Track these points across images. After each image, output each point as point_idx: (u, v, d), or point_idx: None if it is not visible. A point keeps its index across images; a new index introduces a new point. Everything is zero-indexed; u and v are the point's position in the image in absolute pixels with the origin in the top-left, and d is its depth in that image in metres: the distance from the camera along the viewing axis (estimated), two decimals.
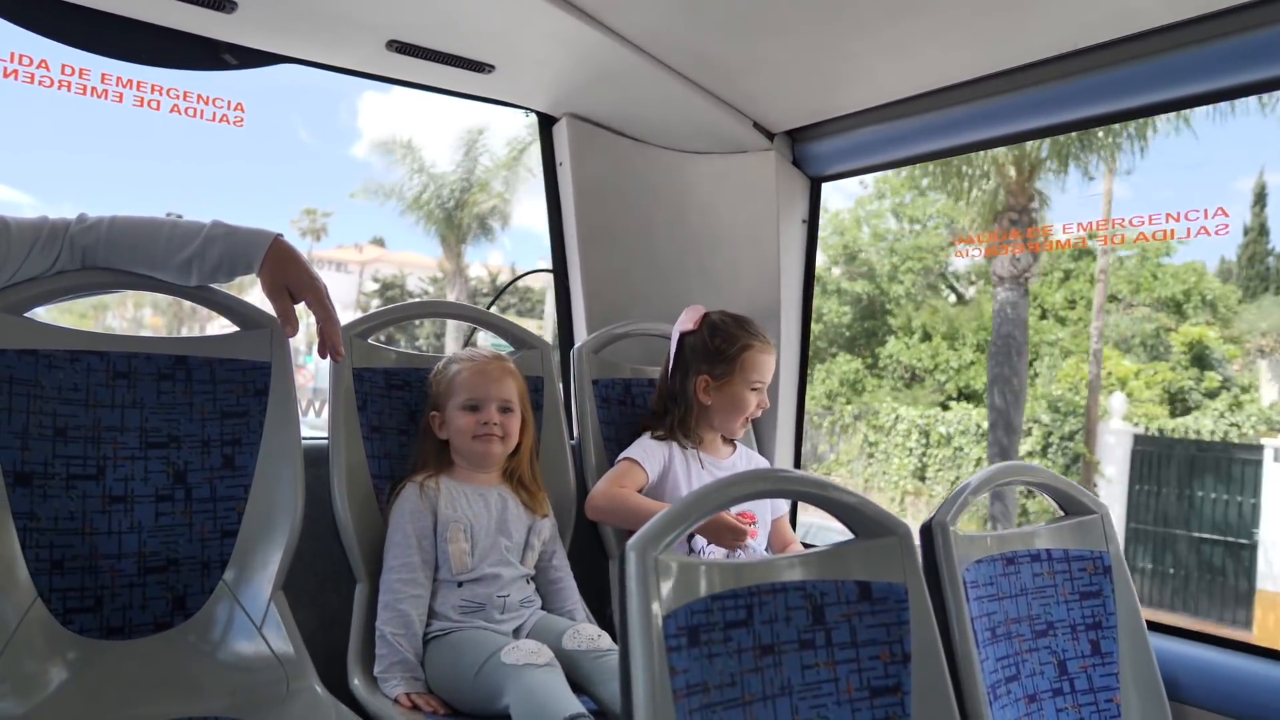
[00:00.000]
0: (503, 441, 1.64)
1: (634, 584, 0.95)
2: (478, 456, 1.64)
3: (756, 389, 1.83)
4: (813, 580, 1.11)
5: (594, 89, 2.01)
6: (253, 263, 1.41)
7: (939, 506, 1.30)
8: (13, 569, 1.33)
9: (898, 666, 1.12)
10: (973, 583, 1.31)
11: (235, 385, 1.54)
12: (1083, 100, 1.51)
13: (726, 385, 1.82)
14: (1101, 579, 1.47)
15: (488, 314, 2.00)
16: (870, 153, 1.91)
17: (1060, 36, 1.44)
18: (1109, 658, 1.44)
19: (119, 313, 18.43)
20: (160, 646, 1.42)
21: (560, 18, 1.66)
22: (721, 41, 1.69)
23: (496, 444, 1.63)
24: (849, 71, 1.70)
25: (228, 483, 1.50)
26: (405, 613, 1.53)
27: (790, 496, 1.60)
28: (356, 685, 1.50)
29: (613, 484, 1.75)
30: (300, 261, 1.44)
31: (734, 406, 1.82)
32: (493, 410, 1.62)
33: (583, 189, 2.19)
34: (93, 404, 1.43)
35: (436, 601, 1.57)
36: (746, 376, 1.81)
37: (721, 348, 1.82)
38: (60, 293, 1.42)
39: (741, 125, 1.96)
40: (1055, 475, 1.49)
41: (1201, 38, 1.34)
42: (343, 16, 1.73)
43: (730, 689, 1.02)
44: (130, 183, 22.55)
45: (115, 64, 1.77)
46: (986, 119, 1.65)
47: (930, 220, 14.00)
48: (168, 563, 1.45)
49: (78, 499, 1.39)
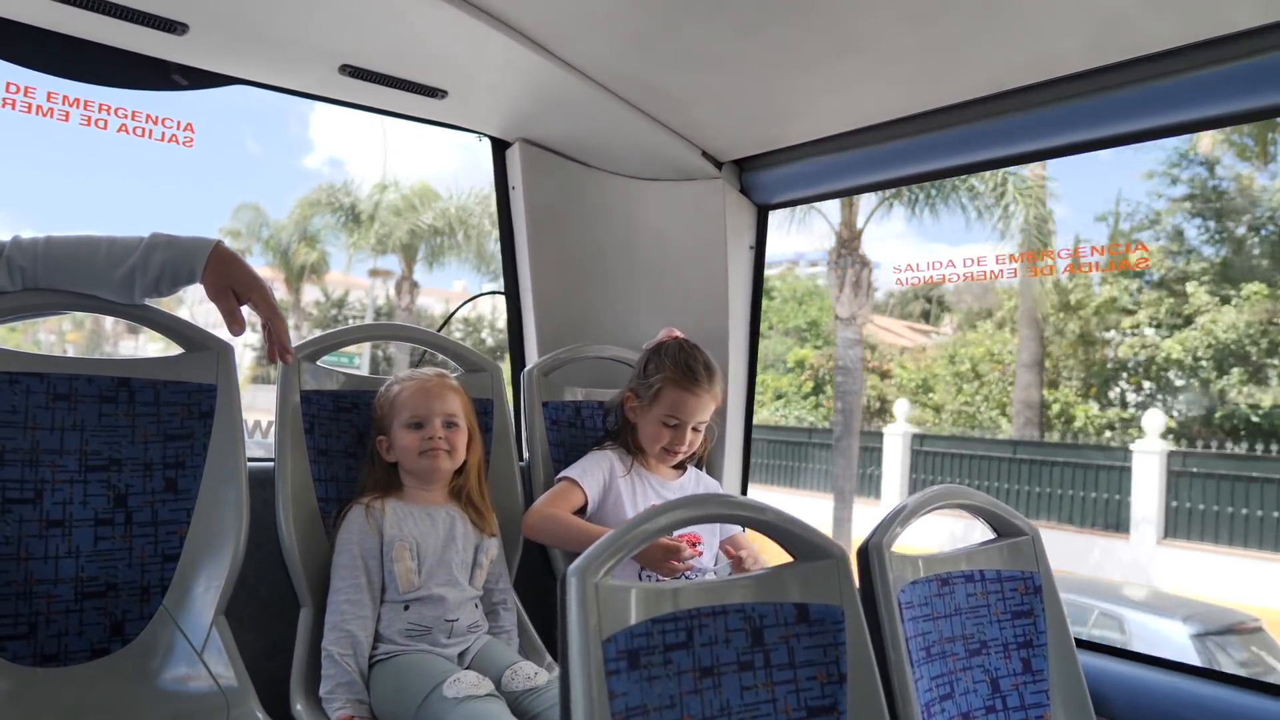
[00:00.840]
0: (450, 456, 1.65)
1: (574, 609, 0.97)
2: (425, 472, 1.64)
3: (670, 424, 1.79)
4: (752, 603, 1.14)
5: (546, 116, 2.04)
6: (195, 269, 1.40)
7: (874, 528, 1.34)
8: None
9: (834, 686, 1.15)
10: (908, 603, 1.34)
11: (180, 408, 1.53)
12: (1009, 138, 1.58)
13: (645, 410, 1.83)
14: (1033, 599, 1.52)
15: (437, 336, 2.00)
16: (814, 182, 1.97)
17: (989, 78, 1.51)
18: (1040, 675, 1.48)
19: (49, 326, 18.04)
20: (97, 674, 1.39)
21: (512, 47, 1.68)
22: (670, 74, 1.74)
23: (443, 458, 1.64)
24: (793, 105, 1.75)
25: (170, 506, 1.49)
26: (353, 633, 1.52)
27: (728, 521, 1.63)
28: (299, 711, 1.48)
29: (549, 503, 1.76)
30: (243, 263, 1.44)
31: (648, 435, 1.82)
32: (437, 425, 1.63)
33: (535, 213, 2.22)
34: (31, 426, 1.41)
35: (382, 624, 1.56)
36: (661, 408, 1.80)
37: (650, 372, 1.84)
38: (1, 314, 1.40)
39: (691, 153, 2.00)
40: (989, 499, 1.54)
41: (1119, 83, 1.41)
42: (295, 40, 1.73)
43: (670, 711, 1.04)
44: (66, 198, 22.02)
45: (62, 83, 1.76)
46: (922, 153, 1.71)
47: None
48: (106, 588, 1.43)
49: (14, 523, 1.37)
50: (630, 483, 1.83)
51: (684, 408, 1.80)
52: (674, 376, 1.80)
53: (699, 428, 1.84)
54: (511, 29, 1.65)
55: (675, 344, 1.86)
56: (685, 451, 1.85)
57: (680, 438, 1.81)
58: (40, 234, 1.41)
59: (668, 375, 1.80)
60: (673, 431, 1.80)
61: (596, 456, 1.85)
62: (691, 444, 1.84)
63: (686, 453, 1.85)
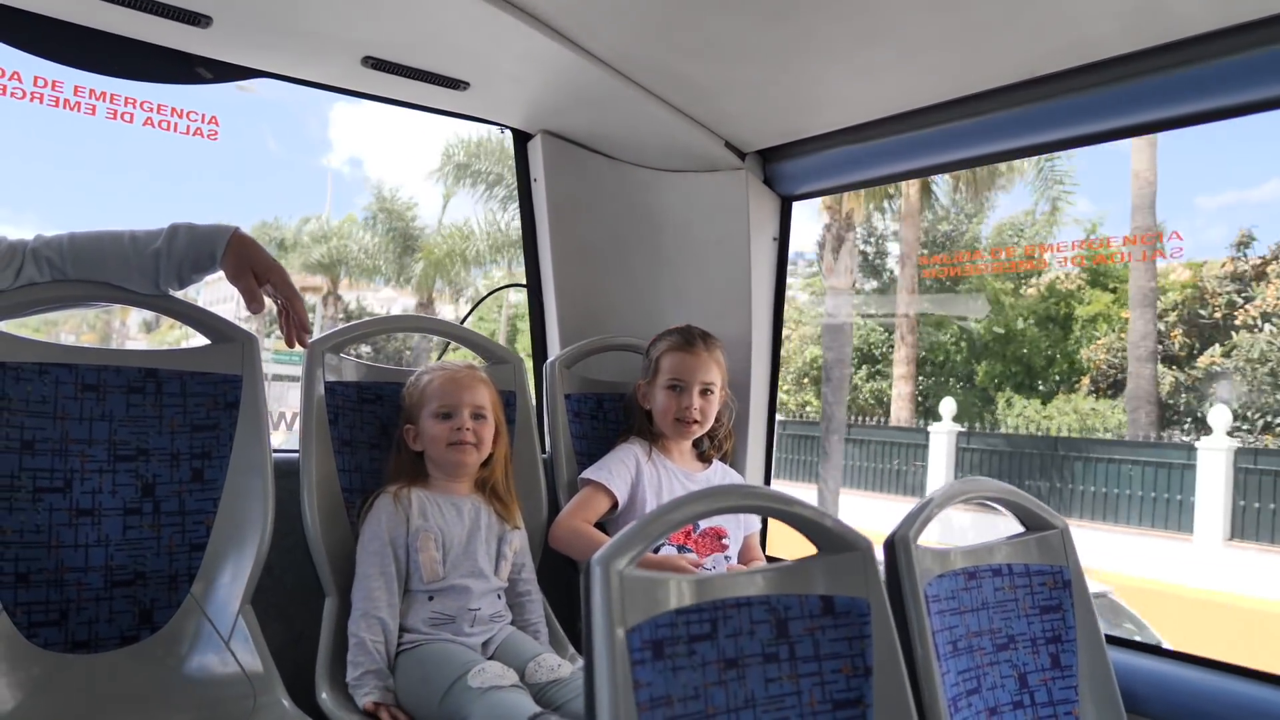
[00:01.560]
0: (477, 449, 1.65)
1: (598, 598, 0.97)
2: (452, 465, 1.65)
3: (674, 387, 1.84)
4: (777, 595, 1.13)
5: (568, 107, 2.04)
6: (216, 253, 1.43)
7: (901, 521, 1.32)
8: None
9: (860, 679, 1.14)
10: (934, 597, 1.33)
11: (206, 399, 1.54)
12: (1041, 125, 1.55)
13: (652, 387, 1.87)
14: (1061, 593, 1.50)
15: (461, 329, 2.01)
16: (839, 173, 1.95)
17: (1019, 65, 1.48)
18: (1068, 671, 1.46)
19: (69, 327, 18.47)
20: (126, 660, 1.41)
21: (535, 38, 1.68)
22: (694, 63, 1.72)
23: (470, 452, 1.64)
24: (818, 94, 1.73)
25: (197, 496, 1.50)
26: (384, 620, 1.53)
27: (754, 512, 1.62)
28: (324, 699, 1.49)
29: (575, 515, 1.77)
30: (261, 248, 1.48)
31: (659, 409, 1.86)
32: (465, 416, 1.63)
33: (557, 205, 2.21)
34: (60, 416, 1.43)
35: (406, 613, 1.57)
36: (663, 376, 1.86)
37: (649, 352, 1.91)
38: (28, 305, 1.42)
39: (714, 144, 1.99)
40: (1017, 491, 1.52)
41: (1155, 68, 1.38)
42: (318, 32, 1.74)
43: (694, 702, 1.03)
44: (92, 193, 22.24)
45: (88, 76, 1.78)
46: (951, 142, 1.69)
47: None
48: (135, 576, 1.44)
49: (44, 512, 1.39)
50: (655, 474, 1.83)
51: (684, 368, 1.84)
52: (670, 344, 1.87)
53: (707, 392, 1.85)
54: (534, 19, 1.64)
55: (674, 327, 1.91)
56: (698, 420, 1.84)
57: (688, 399, 1.83)
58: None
59: (665, 345, 1.88)
60: (679, 395, 1.83)
61: (620, 452, 1.85)
62: (703, 411, 1.85)
63: (700, 423, 1.85)
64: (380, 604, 1.54)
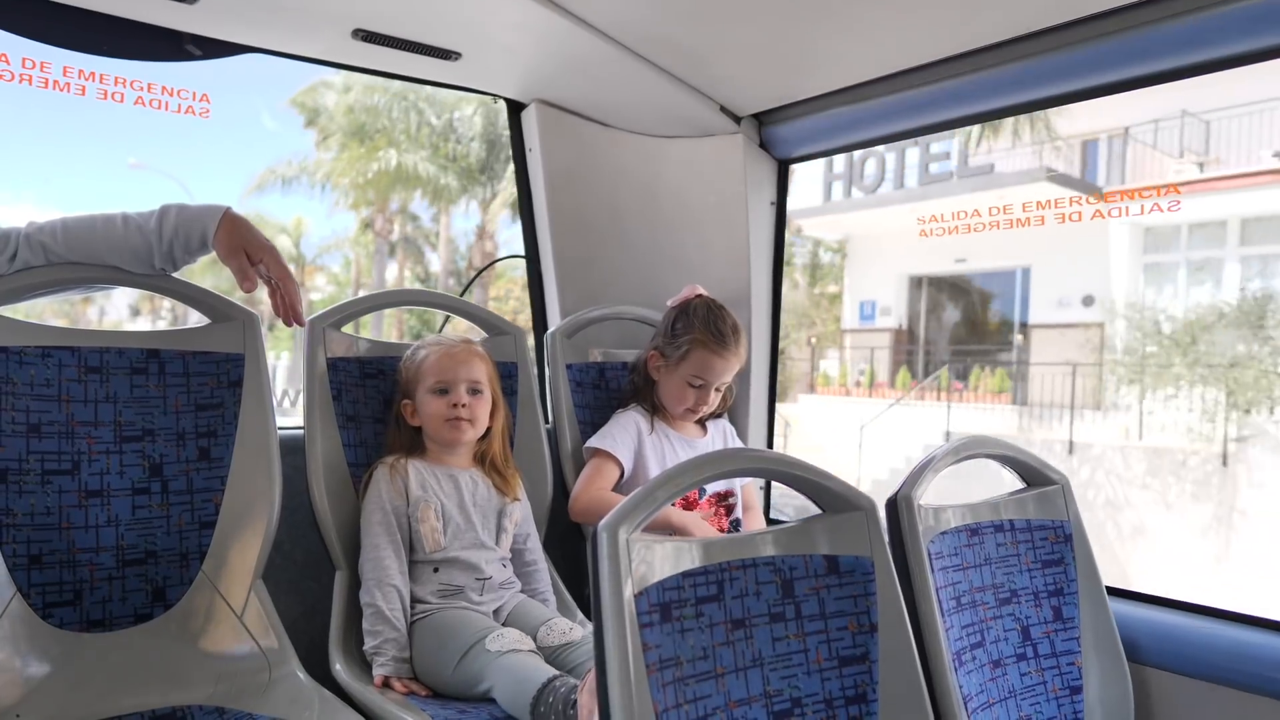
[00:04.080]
0: (472, 425, 1.66)
1: (605, 563, 0.98)
2: (449, 442, 1.66)
3: (696, 385, 1.81)
4: (782, 555, 1.14)
5: (561, 75, 2.02)
6: (207, 231, 1.42)
7: (904, 480, 1.34)
8: None
9: (865, 636, 1.16)
10: (937, 554, 1.35)
11: (209, 377, 1.54)
12: (1042, 80, 1.54)
13: (671, 370, 1.84)
14: (1063, 547, 1.51)
15: (461, 301, 2.01)
16: (836, 134, 1.93)
17: (1014, 20, 1.47)
18: (1070, 623, 1.49)
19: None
20: (141, 638, 1.43)
21: (526, 5, 1.66)
22: (686, 27, 1.71)
23: (467, 428, 1.65)
24: (813, 55, 1.72)
25: (204, 475, 1.52)
26: (398, 587, 1.55)
27: (758, 475, 1.64)
28: (339, 670, 1.52)
29: (591, 485, 1.77)
30: (253, 227, 1.46)
31: (672, 394, 1.85)
32: (461, 391, 1.64)
33: (553, 175, 2.20)
34: (65, 399, 1.43)
35: (414, 585, 1.59)
36: (687, 369, 1.81)
37: (678, 332, 1.85)
38: (27, 289, 1.42)
39: (709, 109, 1.98)
40: (1018, 448, 1.53)
41: (1153, 19, 1.37)
42: (307, 5, 1.72)
43: (703, 662, 1.05)
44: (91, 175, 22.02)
45: (77, 56, 1.76)
46: (949, 99, 1.68)
47: None
48: (146, 555, 1.46)
49: (54, 494, 1.40)
50: (658, 441, 1.84)
51: (711, 369, 1.81)
52: (703, 339, 1.80)
53: (721, 388, 1.85)
54: None
55: (703, 305, 1.86)
56: (707, 411, 1.86)
57: (704, 398, 1.83)
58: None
59: (696, 337, 1.81)
60: (697, 392, 1.82)
61: (622, 420, 1.85)
62: (713, 403, 1.86)
63: (707, 412, 1.87)
64: (392, 571, 1.55)
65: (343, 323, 1.76)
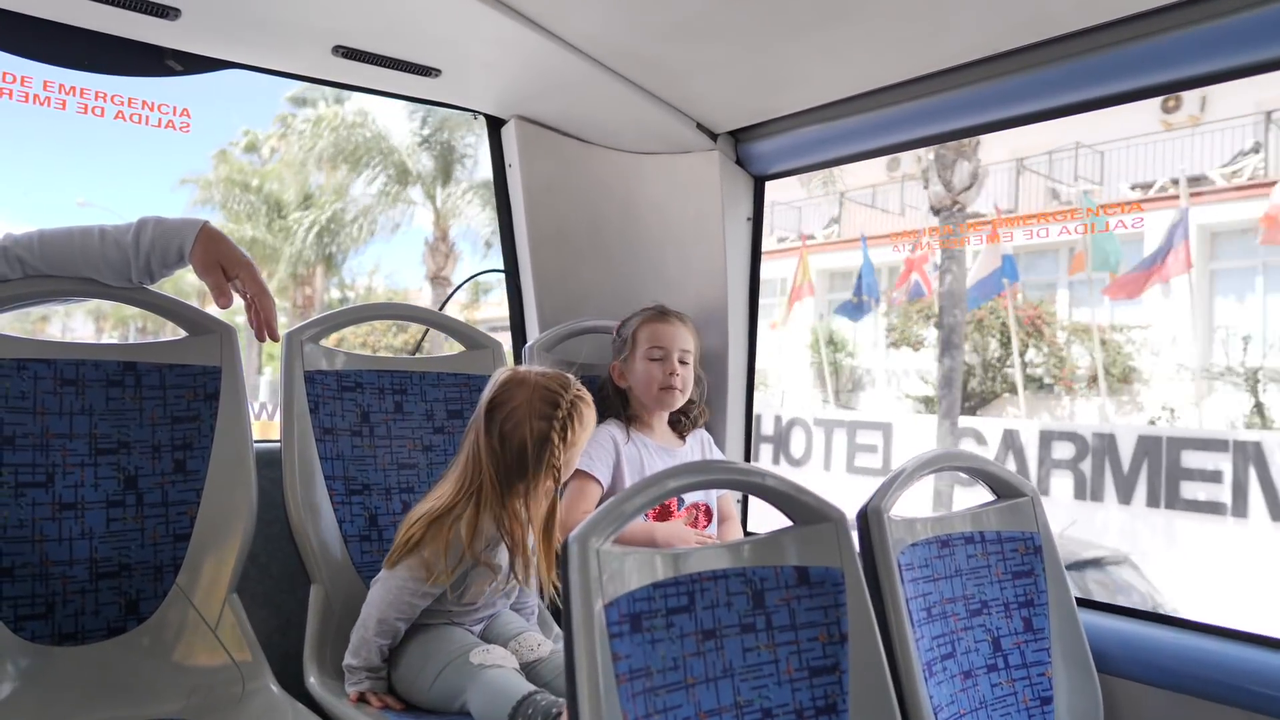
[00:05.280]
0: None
1: (575, 574, 0.99)
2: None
3: (656, 358, 1.85)
4: (752, 566, 1.15)
5: (541, 92, 2.04)
6: (185, 246, 1.43)
7: (874, 491, 1.35)
8: None
9: (835, 647, 1.17)
10: (908, 565, 1.36)
11: (185, 390, 1.55)
12: (1006, 101, 1.57)
13: (630, 364, 1.89)
14: (1033, 558, 1.53)
15: (440, 315, 2.02)
16: (810, 152, 1.96)
17: (982, 41, 1.50)
18: (1041, 634, 1.50)
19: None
20: (114, 651, 1.42)
21: (505, 23, 1.68)
22: (663, 45, 1.73)
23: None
24: (786, 74, 1.75)
25: (179, 487, 1.52)
26: (397, 630, 1.51)
27: (727, 487, 1.64)
28: (313, 684, 1.51)
29: (575, 513, 1.75)
30: (230, 242, 1.47)
31: (640, 382, 1.87)
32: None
33: (532, 190, 2.22)
34: (40, 411, 1.43)
35: None
36: (642, 348, 1.87)
37: (622, 331, 1.92)
38: (4, 301, 1.42)
39: (685, 126, 2.00)
40: (988, 460, 1.55)
41: (1115, 41, 1.40)
42: (288, 22, 1.73)
43: (673, 672, 1.06)
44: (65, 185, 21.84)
45: (58, 71, 1.77)
46: (920, 118, 1.71)
47: None
48: (120, 568, 1.45)
49: (27, 507, 1.40)
50: (634, 452, 1.85)
51: (663, 335, 1.87)
52: (644, 318, 1.90)
53: (686, 359, 1.87)
54: (504, 5, 1.64)
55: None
56: (681, 388, 1.86)
57: (670, 366, 1.85)
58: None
59: (638, 320, 1.90)
60: (662, 364, 1.85)
61: (598, 435, 1.85)
62: (684, 379, 1.86)
63: (683, 392, 1.87)
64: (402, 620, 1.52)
65: (320, 336, 1.77)
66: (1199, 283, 9.78)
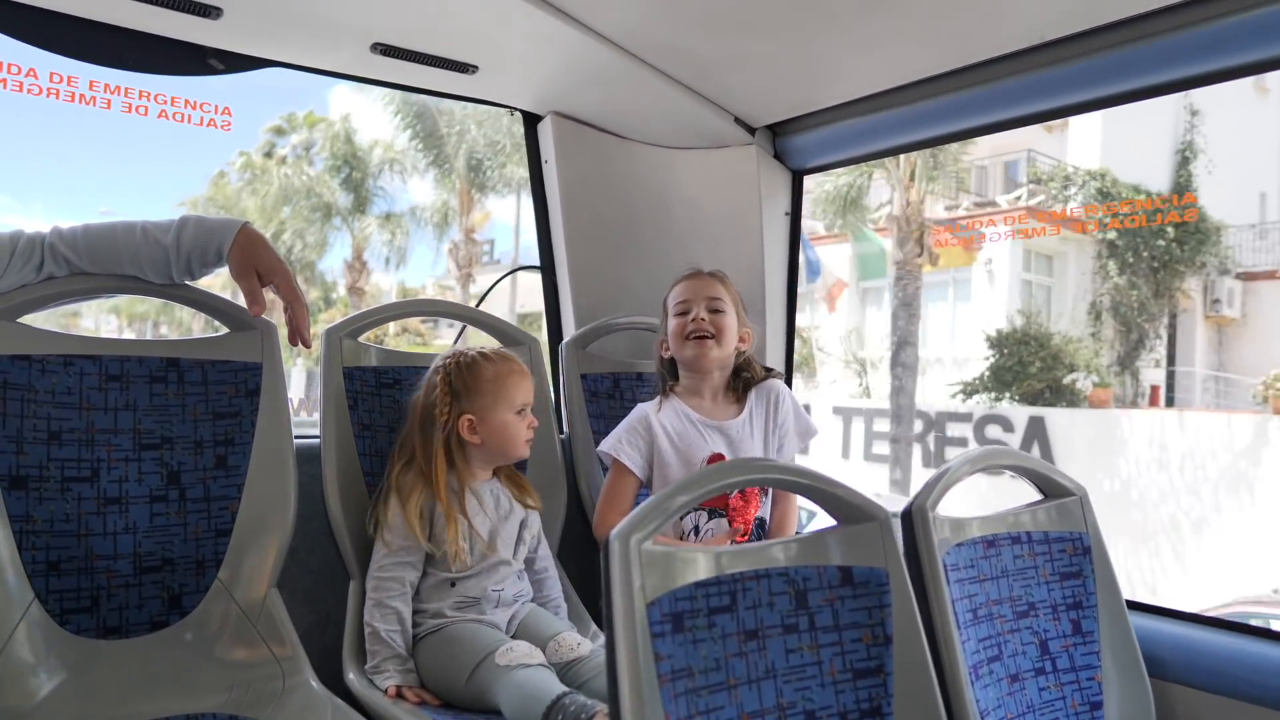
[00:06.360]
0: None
1: (617, 573, 0.98)
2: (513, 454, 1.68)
3: (682, 312, 1.77)
4: (795, 566, 1.13)
5: (577, 87, 2.03)
6: (223, 246, 1.43)
7: (919, 491, 1.33)
8: (9, 571, 1.35)
9: (880, 648, 1.15)
10: (954, 565, 1.33)
11: (227, 386, 1.56)
12: (1050, 91, 1.54)
13: (665, 330, 1.80)
14: (1081, 559, 1.50)
15: (478, 312, 2.02)
16: (849, 145, 1.94)
17: (1025, 31, 1.47)
18: (1090, 637, 1.46)
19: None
20: (157, 645, 1.44)
21: (542, 19, 1.67)
22: (701, 39, 1.72)
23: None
24: (825, 67, 1.72)
25: (221, 483, 1.53)
26: (398, 609, 1.55)
27: (771, 485, 1.62)
28: (352, 680, 1.52)
29: (613, 508, 1.72)
30: (268, 246, 1.46)
31: (674, 338, 1.77)
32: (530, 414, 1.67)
33: (568, 186, 2.21)
34: (86, 407, 1.45)
35: (430, 599, 1.58)
36: (671, 309, 1.79)
37: (665, 303, 1.82)
38: (51, 299, 1.44)
39: (723, 120, 1.98)
40: (1035, 459, 1.52)
41: (1165, 29, 1.36)
42: (327, 20, 1.74)
43: (715, 673, 1.05)
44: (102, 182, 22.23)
45: (103, 71, 1.79)
46: (959, 111, 1.68)
47: None
48: (163, 562, 1.47)
49: (73, 501, 1.41)
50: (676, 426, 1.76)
51: (688, 289, 1.78)
52: (674, 281, 1.83)
53: (716, 310, 1.76)
54: (541, 0, 1.64)
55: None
56: (710, 333, 1.74)
57: (696, 318, 1.74)
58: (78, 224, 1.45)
59: (670, 287, 1.83)
60: (685, 318, 1.76)
61: (629, 420, 1.79)
62: (715, 325, 1.75)
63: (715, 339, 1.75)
64: (394, 594, 1.55)
65: (359, 332, 1.78)
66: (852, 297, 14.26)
